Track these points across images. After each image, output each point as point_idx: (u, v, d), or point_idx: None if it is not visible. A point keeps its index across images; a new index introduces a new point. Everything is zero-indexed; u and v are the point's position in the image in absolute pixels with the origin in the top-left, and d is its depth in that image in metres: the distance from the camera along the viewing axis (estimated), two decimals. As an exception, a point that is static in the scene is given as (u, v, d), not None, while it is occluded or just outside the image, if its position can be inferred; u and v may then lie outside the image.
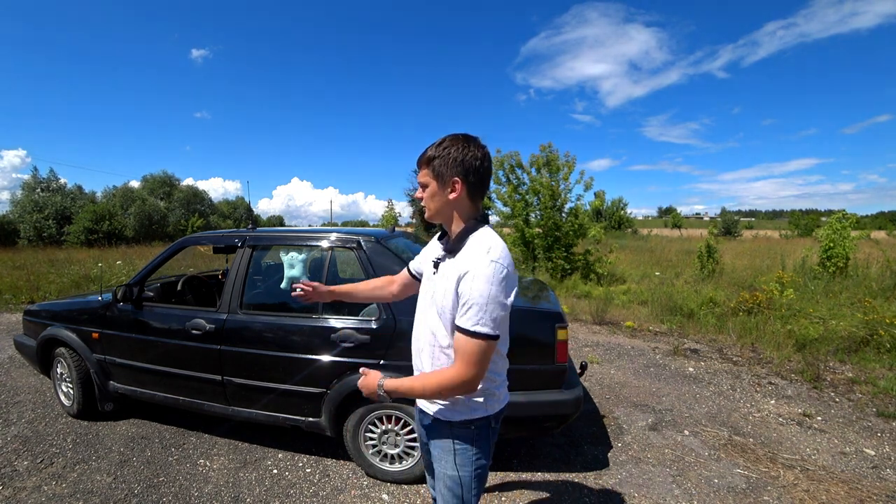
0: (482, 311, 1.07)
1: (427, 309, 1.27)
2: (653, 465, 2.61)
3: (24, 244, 23.89)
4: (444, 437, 1.26)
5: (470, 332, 1.08)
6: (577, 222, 9.15)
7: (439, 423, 1.26)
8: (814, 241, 11.46)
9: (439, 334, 1.22)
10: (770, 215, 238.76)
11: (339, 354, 2.31)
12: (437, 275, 1.24)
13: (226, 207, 41.21)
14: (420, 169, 1.23)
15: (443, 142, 1.20)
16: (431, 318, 1.24)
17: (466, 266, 1.11)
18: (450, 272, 1.17)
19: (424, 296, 1.30)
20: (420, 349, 1.30)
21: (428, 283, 1.30)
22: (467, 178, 1.18)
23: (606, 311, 6.39)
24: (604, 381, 3.95)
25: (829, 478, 2.50)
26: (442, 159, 1.17)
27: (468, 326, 1.08)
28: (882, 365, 4.27)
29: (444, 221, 1.25)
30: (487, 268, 1.08)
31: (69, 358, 2.96)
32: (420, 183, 1.24)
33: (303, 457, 2.65)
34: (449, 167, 1.17)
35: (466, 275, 1.10)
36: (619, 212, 34.95)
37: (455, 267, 1.16)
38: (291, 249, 2.93)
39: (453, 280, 1.14)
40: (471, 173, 1.18)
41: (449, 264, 1.20)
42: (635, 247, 16.41)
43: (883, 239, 17.25)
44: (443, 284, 1.19)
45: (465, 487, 1.25)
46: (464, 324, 1.09)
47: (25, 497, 2.26)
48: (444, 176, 1.18)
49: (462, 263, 1.13)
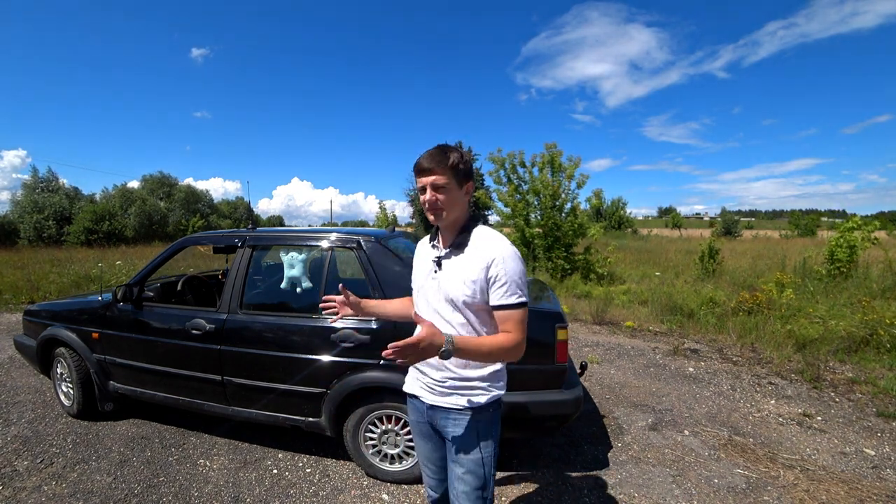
0: (520, 286, 1.24)
1: (439, 305, 1.32)
2: (653, 465, 2.61)
3: (24, 244, 23.88)
4: (467, 428, 1.32)
5: (516, 304, 1.23)
6: (577, 222, 9.15)
7: (461, 415, 1.32)
8: (818, 242, 11.44)
9: (457, 323, 1.29)
10: (770, 215, 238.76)
11: (339, 354, 2.31)
12: (444, 271, 1.32)
13: (226, 207, 41.22)
14: (434, 173, 1.26)
15: (451, 149, 1.30)
16: (446, 312, 1.31)
17: (493, 253, 1.24)
18: (466, 264, 1.27)
19: (431, 296, 1.35)
20: None
21: (432, 283, 1.34)
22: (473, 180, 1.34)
23: (606, 311, 6.39)
24: (604, 381, 3.95)
25: (829, 478, 2.50)
26: (463, 165, 1.28)
27: (514, 300, 1.23)
28: (882, 365, 4.27)
29: (455, 221, 1.33)
30: (511, 249, 1.25)
31: (69, 358, 2.96)
32: (438, 185, 1.26)
33: (303, 457, 2.65)
34: (468, 170, 1.30)
35: (495, 261, 1.23)
36: (619, 212, 34.94)
37: (473, 258, 1.27)
38: (291, 249, 2.93)
39: (475, 269, 1.25)
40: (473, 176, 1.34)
41: (458, 259, 1.30)
42: (635, 247, 16.41)
43: (883, 239, 17.25)
44: (458, 276, 1.27)
45: (487, 466, 1.33)
46: (509, 300, 1.23)
47: (25, 497, 2.26)
48: (464, 179, 1.30)
49: (485, 252, 1.25)
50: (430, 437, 1.44)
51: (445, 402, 1.33)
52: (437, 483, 1.49)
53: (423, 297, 1.39)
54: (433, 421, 1.38)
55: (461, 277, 1.27)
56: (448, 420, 1.34)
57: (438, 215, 1.29)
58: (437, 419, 1.36)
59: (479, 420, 1.32)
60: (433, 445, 1.44)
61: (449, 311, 1.31)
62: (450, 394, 1.32)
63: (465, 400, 1.31)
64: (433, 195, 1.26)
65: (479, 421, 1.32)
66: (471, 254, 1.28)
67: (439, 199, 1.26)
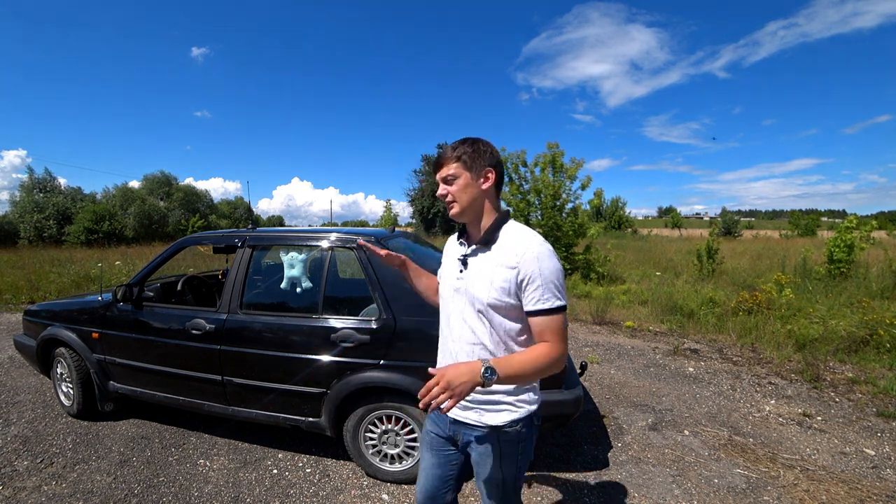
0: (557, 287, 1.11)
1: (464, 308, 1.23)
2: (653, 465, 2.61)
3: (24, 244, 23.88)
4: (489, 446, 1.23)
5: (554, 309, 1.10)
6: (577, 222, 9.15)
7: (483, 433, 1.22)
8: (819, 242, 11.44)
9: (480, 332, 1.20)
10: (770, 215, 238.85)
11: (339, 354, 2.30)
12: (470, 270, 1.23)
13: (226, 207, 41.19)
14: (444, 166, 1.23)
15: (465, 140, 1.24)
16: (469, 316, 1.22)
17: (522, 250, 1.13)
18: (492, 261, 1.18)
19: (456, 297, 1.26)
20: (456, 352, 1.26)
21: (458, 283, 1.26)
22: (497, 168, 1.23)
23: (606, 311, 6.39)
24: (604, 381, 3.95)
25: (829, 478, 2.50)
26: (473, 152, 1.21)
27: (551, 305, 1.10)
28: (882, 365, 4.27)
29: (474, 215, 1.24)
30: (545, 248, 1.14)
31: (69, 358, 2.96)
32: (447, 178, 1.22)
33: (303, 457, 2.65)
34: (481, 158, 1.21)
35: (526, 258, 1.11)
36: (619, 211, 34.94)
37: (501, 255, 1.16)
38: (291, 249, 2.93)
39: (501, 267, 1.15)
40: (499, 165, 1.23)
41: (485, 257, 1.20)
42: (635, 247, 16.41)
43: (883, 239, 17.26)
44: (486, 276, 1.17)
45: (508, 487, 1.26)
46: (543, 304, 1.11)
47: (25, 497, 2.26)
48: (476, 167, 1.21)
49: (514, 249, 1.14)
50: (438, 453, 1.36)
51: (468, 417, 1.24)
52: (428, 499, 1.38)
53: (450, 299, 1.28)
54: (455, 436, 1.30)
55: (489, 278, 1.16)
56: (471, 437, 1.25)
57: (452, 207, 1.23)
58: (461, 435, 1.28)
59: (504, 440, 1.21)
60: (436, 462, 1.36)
61: (476, 320, 1.20)
62: (472, 408, 1.23)
63: (488, 417, 1.21)
64: (444, 188, 1.24)
65: (504, 441, 1.21)
66: (499, 251, 1.17)
67: (450, 191, 1.22)
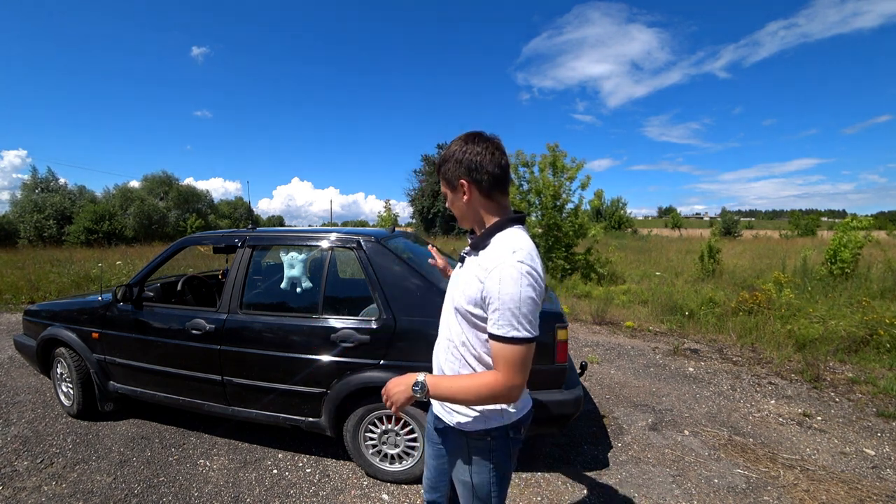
0: (514, 315, 0.99)
1: (448, 305, 1.23)
2: (653, 465, 2.61)
3: (24, 244, 23.88)
4: (458, 445, 1.22)
5: (505, 337, 1.00)
6: (578, 222, 9.16)
7: (454, 431, 1.22)
8: (819, 242, 11.44)
9: (454, 331, 1.17)
10: (770, 215, 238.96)
11: (339, 354, 2.30)
12: (462, 269, 1.20)
13: (226, 207, 41.20)
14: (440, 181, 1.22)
15: (449, 146, 1.17)
16: (449, 315, 1.21)
17: (491, 266, 1.04)
18: (472, 268, 1.12)
19: (448, 292, 1.26)
20: (437, 346, 1.29)
21: (453, 280, 1.25)
22: (472, 176, 1.12)
23: (606, 311, 6.39)
24: (604, 381, 3.95)
25: (829, 478, 2.50)
26: (448, 164, 1.15)
27: (502, 332, 1.00)
28: (882, 365, 4.27)
29: (475, 222, 1.20)
30: (514, 269, 1.00)
31: (69, 358, 2.96)
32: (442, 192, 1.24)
33: (303, 457, 2.65)
34: (453, 171, 1.14)
35: (491, 275, 1.02)
36: (619, 212, 34.94)
37: (478, 264, 1.09)
38: (291, 249, 2.93)
39: (475, 277, 1.08)
40: (475, 171, 1.11)
41: (472, 260, 1.15)
42: (635, 247, 16.41)
43: (883, 239, 17.26)
44: (464, 281, 1.14)
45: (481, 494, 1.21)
46: (497, 330, 1.01)
47: (25, 497, 2.26)
48: (452, 181, 1.16)
49: (485, 262, 1.06)
50: (433, 445, 1.38)
51: (441, 413, 1.25)
52: (430, 488, 1.44)
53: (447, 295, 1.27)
54: (437, 430, 1.33)
55: (465, 283, 1.13)
56: (446, 433, 1.26)
57: (458, 220, 1.23)
58: (439, 429, 1.31)
59: (474, 446, 1.19)
60: (433, 453, 1.40)
61: (451, 316, 1.19)
62: (445, 406, 1.23)
63: (456, 418, 1.20)
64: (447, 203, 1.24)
65: (473, 447, 1.19)
66: (480, 260, 1.10)
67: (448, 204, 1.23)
